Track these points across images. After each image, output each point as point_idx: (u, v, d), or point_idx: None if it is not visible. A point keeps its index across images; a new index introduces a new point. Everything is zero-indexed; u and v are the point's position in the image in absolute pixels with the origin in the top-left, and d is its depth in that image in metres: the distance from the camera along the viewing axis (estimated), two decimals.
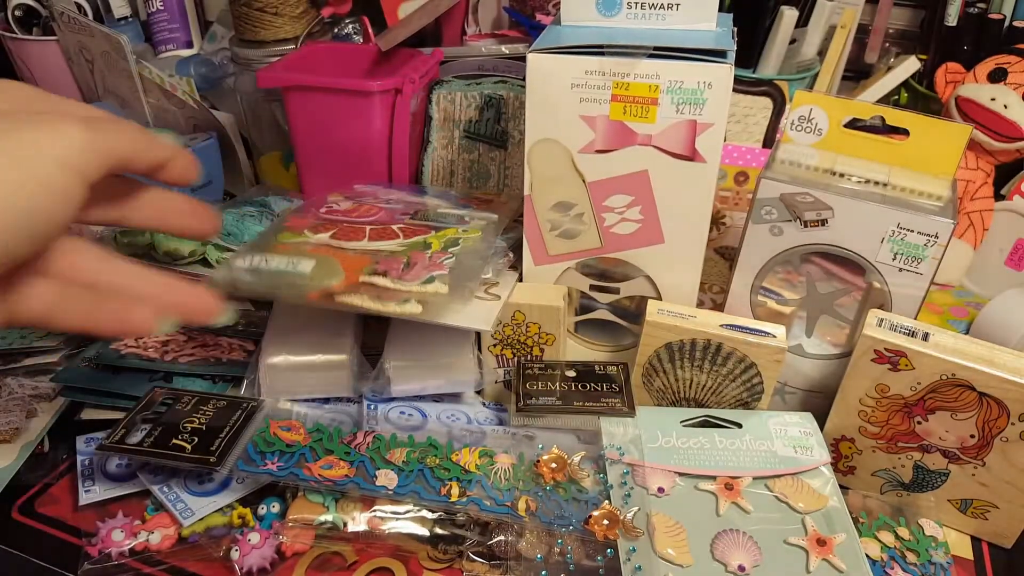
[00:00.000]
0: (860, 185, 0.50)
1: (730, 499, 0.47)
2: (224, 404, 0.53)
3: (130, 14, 0.92)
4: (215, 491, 0.49)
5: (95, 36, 0.77)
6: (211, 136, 0.77)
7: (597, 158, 0.50)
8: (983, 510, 0.49)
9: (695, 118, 0.48)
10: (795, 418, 0.52)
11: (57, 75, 0.85)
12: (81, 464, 0.52)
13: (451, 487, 0.47)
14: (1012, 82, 0.67)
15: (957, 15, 0.77)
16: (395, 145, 0.69)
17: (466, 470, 0.48)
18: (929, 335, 0.47)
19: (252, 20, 0.77)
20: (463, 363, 0.55)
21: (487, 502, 0.46)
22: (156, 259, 0.58)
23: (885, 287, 0.49)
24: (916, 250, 0.48)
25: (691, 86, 0.47)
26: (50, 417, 0.56)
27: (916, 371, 0.46)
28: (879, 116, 0.51)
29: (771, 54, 0.75)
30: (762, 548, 0.44)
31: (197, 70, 0.84)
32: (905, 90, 0.82)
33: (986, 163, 0.71)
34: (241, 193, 0.80)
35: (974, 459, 0.48)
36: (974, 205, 0.70)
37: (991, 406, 0.45)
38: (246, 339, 0.61)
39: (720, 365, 0.52)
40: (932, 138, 0.50)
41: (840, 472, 0.53)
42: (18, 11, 0.85)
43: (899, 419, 0.48)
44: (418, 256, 0.53)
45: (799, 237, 0.50)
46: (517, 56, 0.77)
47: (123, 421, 0.51)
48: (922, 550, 0.46)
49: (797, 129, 0.53)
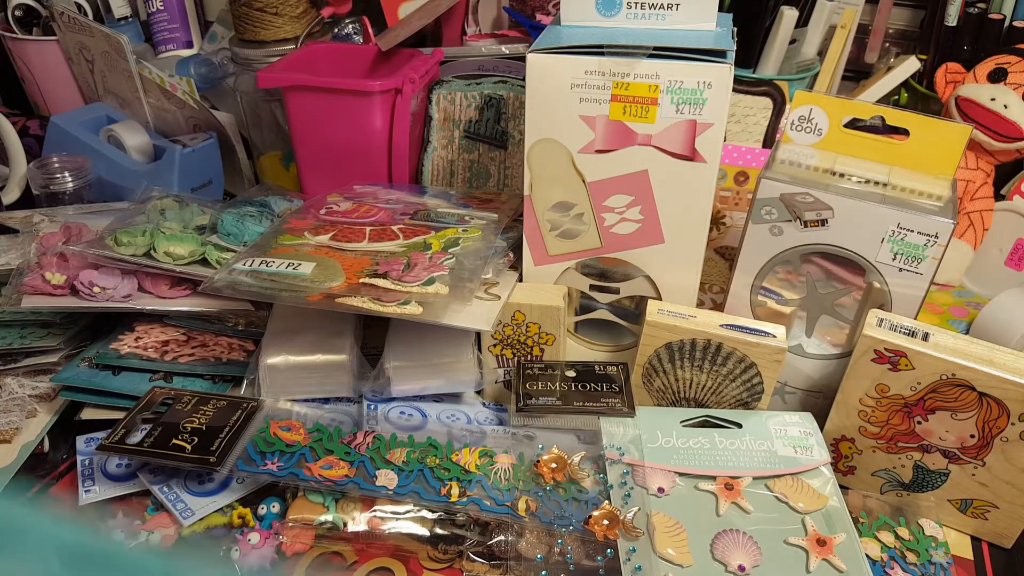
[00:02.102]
0: (860, 185, 0.50)
1: (730, 499, 0.47)
2: (224, 404, 0.53)
3: (130, 14, 0.92)
4: (215, 491, 0.49)
5: (95, 36, 0.77)
6: (211, 136, 0.77)
7: (597, 158, 0.50)
8: (983, 510, 0.49)
9: (695, 118, 0.48)
10: (795, 418, 0.52)
11: (57, 75, 0.85)
12: (81, 464, 0.52)
13: (451, 487, 0.47)
14: (1012, 82, 0.67)
15: (957, 15, 0.77)
16: (395, 145, 0.69)
17: (466, 470, 0.48)
18: (929, 335, 0.47)
19: (252, 20, 0.77)
20: (463, 363, 0.55)
21: (487, 502, 0.46)
22: (156, 259, 0.58)
23: (885, 287, 0.49)
24: (916, 250, 0.48)
25: (691, 86, 0.47)
26: (50, 417, 0.56)
27: (916, 371, 0.46)
28: (879, 116, 0.51)
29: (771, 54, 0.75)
30: (762, 548, 0.44)
31: (197, 70, 0.84)
32: (905, 90, 0.82)
33: (986, 163, 0.71)
34: (241, 193, 0.79)
35: (974, 459, 0.48)
36: (974, 205, 0.70)
37: (991, 406, 0.45)
38: (246, 339, 0.61)
39: (720, 365, 0.52)
40: (932, 138, 0.50)
41: (840, 472, 0.53)
42: (18, 11, 0.85)
43: (899, 419, 0.48)
44: (418, 257, 0.53)
45: (799, 237, 0.50)
46: (517, 56, 0.77)
47: (123, 421, 0.51)
48: (922, 550, 0.46)
49: (797, 129, 0.53)
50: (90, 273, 0.58)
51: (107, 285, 0.58)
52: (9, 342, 0.58)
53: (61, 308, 0.58)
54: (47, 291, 0.57)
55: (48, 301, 0.57)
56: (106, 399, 0.56)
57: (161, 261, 0.58)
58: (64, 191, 0.72)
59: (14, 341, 0.59)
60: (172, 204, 0.66)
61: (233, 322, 0.61)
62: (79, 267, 0.59)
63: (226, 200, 0.77)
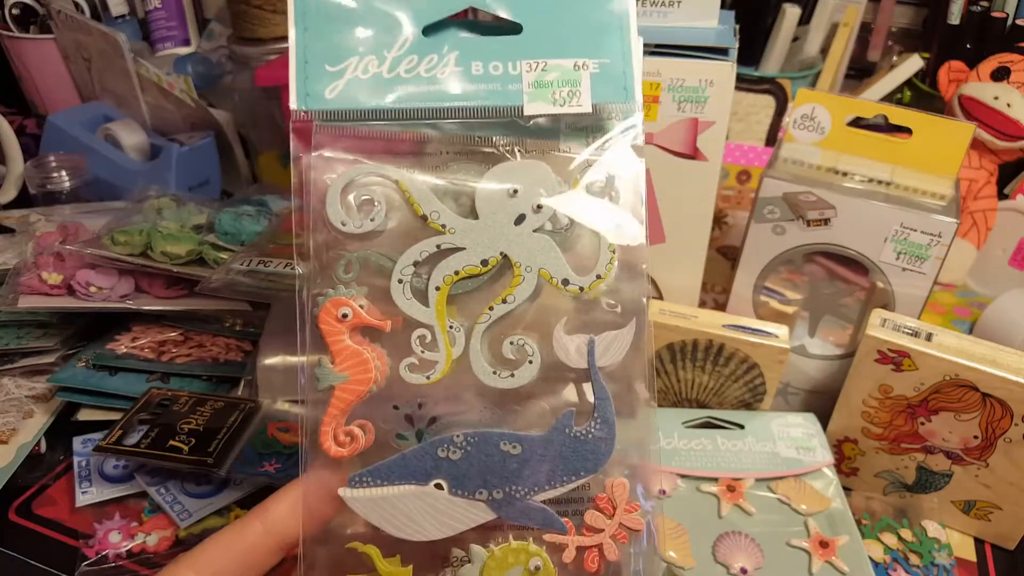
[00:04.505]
0: (863, 184, 0.49)
1: (732, 501, 0.47)
2: (222, 405, 0.52)
3: (128, 12, 0.92)
4: (213, 493, 0.49)
5: (92, 34, 0.77)
6: (209, 135, 0.76)
7: None
8: (986, 512, 0.49)
9: (697, 116, 0.47)
10: (798, 419, 0.52)
11: (54, 73, 0.85)
12: (78, 465, 0.52)
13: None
14: (1015, 80, 0.67)
15: (960, 13, 0.76)
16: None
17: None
18: (932, 335, 0.46)
19: (250, 18, 0.76)
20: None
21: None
22: (152, 258, 0.58)
23: (888, 287, 0.49)
24: (919, 249, 0.47)
25: (693, 84, 0.46)
26: (47, 418, 0.56)
27: (919, 372, 0.46)
28: (882, 115, 0.51)
29: (773, 52, 0.75)
30: (764, 550, 0.44)
31: (195, 68, 0.83)
32: (908, 88, 0.81)
33: (989, 162, 0.70)
34: (239, 192, 0.79)
35: (977, 460, 0.47)
36: (977, 204, 0.70)
37: (995, 407, 0.45)
38: (244, 339, 0.60)
39: (722, 366, 0.51)
40: (935, 137, 0.49)
41: (843, 473, 0.52)
42: (15, 9, 0.84)
43: (902, 420, 0.48)
44: None
45: (802, 236, 0.50)
46: None
47: (120, 422, 0.50)
48: (925, 552, 0.46)
49: (800, 127, 0.52)
50: (87, 273, 0.58)
51: (104, 285, 0.58)
52: (6, 342, 0.58)
53: (58, 308, 0.57)
54: (44, 291, 0.57)
55: (45, 301, 0.57)
56: (103, 400, 0.56)
57: (158, 261, 0.58)
58: (61, 190, 0.71)
59: (11, 341, 0.58)
60: (169, 203, 0.65)
61: (231, 322, 0.61)
62: (76, 267, 0.58)
63: (224, 199, 0.77)
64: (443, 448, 0.30)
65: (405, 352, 0.30)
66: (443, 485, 0.29)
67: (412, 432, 0.31)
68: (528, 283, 0.30)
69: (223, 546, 0.29)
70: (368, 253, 0.31)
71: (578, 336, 0.30)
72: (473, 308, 0.31)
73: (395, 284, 0.30)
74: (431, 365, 0.30)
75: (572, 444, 0.30)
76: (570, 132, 0.32)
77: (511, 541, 0.30)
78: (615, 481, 0.31)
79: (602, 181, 0.31)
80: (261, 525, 0.29)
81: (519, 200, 0.31)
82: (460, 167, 0.31)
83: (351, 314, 0.30)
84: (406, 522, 0.29)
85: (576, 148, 0.31)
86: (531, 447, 0.30)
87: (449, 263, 0.30)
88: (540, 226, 0.31)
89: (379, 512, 0.29)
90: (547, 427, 0.30)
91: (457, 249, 0.31)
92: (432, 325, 0.30)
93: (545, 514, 0.30)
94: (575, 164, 0.31)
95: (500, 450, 0.29)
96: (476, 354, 0.30)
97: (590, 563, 0.30)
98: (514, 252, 0.30)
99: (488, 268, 0.30)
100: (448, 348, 0.30)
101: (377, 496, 0.29)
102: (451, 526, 0.30)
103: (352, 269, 0.30)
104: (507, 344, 0.30)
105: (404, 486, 0.29)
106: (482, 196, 0.31)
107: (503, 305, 0.30)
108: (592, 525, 0.30)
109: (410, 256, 0.30)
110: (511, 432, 0.30)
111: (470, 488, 0.29)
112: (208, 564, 0.29)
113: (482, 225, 0.31)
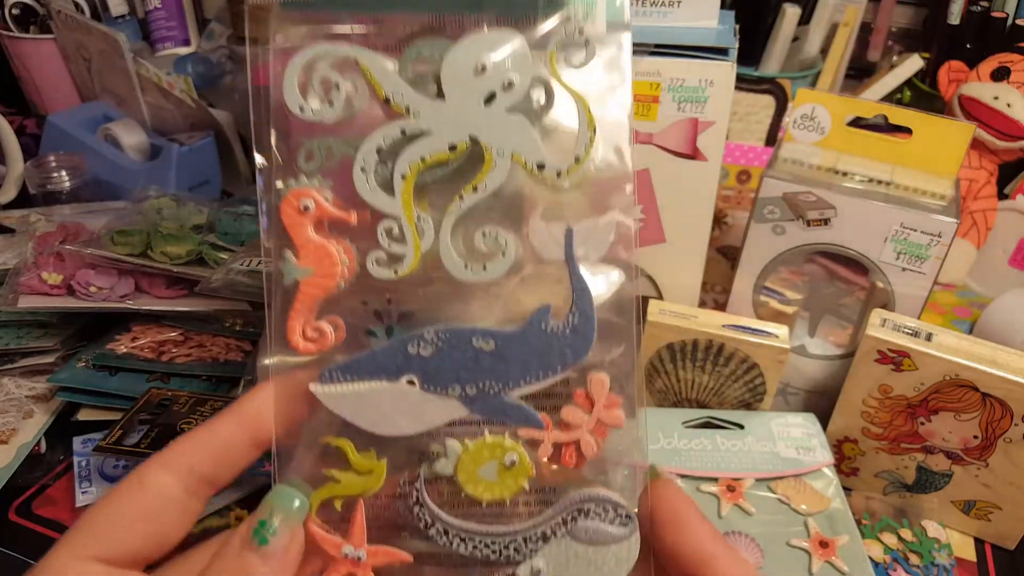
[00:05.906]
0: (863, 184, 0.49)
1: (732, 501, 0.47)
2: (222, 405, 0.52)
3: (128, 12, 0.92)
4: None
5: (92, 34, 0.77)
6: (209, 135, 0.76)
7: None
8: (986, 512, 0.49)
9: (697, 116, 0.47)
10: (798, 419, 0.52)
11: (54, 74, 0.85)
12: (78, 465, 0.52)
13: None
14: (1015, 80, 0.67)
15: (960, 13, 0.76)
16: None
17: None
18: (932, 335, 0.46)
19: None
20: None
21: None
22: (152, 258, 0.58)
23: (888, 287, 0.49)
24: (919, 249, 0.47)
25: (692, 84, 0.46)
26: (47, 418, 0.56)
27: (919, 372, 0.46)
28: (882, 115, 0.51)
29: (773, 52, 0.75)
30: (764, 550, 0.44)
31: (195, 68, 0.83)
32: (908, 88, 0.81)
33: (989, 162, 0.70)
34: (239, 192, 0.79)
35: (977, 460, 0.47)
36: (977, 204, 0.70)
37: (994, 407, 0.45)
38: (243, 340, 0.60)
39: (722, 366, 0.51)
40: (935, 137, 0.49)
41: (843, 473, 0.52)
42: (15, 9, 0.84)
43: (902, 420, 0.48)
44: None
45: (802, 236, 0.50)
46: None
47: (120, 422, 0.50)
48: (925, 552, 0.46)
49: (800, 127, 0.52)
50: (87, 273, 0.58)
51: (104, 285, 0.58)
52: (6, 342, 0.58)
53: (58, 308, 0.57)
54: (44, 291, 0.57)
55: (45, 301, 0.57)
56: (103, 400, 0.56)
57: (158, 261, 0.58)
58: (61, 190, 0.71)
59: (11, 341, 0.58)
60: (169, 203, 0.65)
61: (231, 322, 0.61)
62: (76, 267, 0.58)
63: (224, 199, 0.77)
64: (413, 344, 0.28)
65: (374, 246, 0.28)
66: (415, 381, 0.29)
67: (382, 328, 0.29)
68: (500, 169, 0.28)
69: (196, 443, 0.28)
70: (329, 140, 0.28)
71: (555, 224, 0.28)
72: (445, 199, 0.29)
73: (357, 173, 0.28)
74: (399, 259, 0.28)
75: (547, 339, 0.28)
76: (549, 2, 0.28)
77: (487, 436, 0.29)
78: (594, 376, 0.30)
79: (582, 55, 0.28)
80: (235, 421, 0.29)
81: (488, 77, 0.28)
82: (425, 43, 0.28)
83: (312, 206, 0.28)
84: (379, 417, 0.28)
85: (554, 19, 0.28)
86: (505, 343, 0.28)
87: (414, 149, 0.28)
88: (512, 105, 0.28)
89: (351, 407, 0.28)
90: (522, 323, 0.28)
91: (423, 134, 0.28)
92: (399, 216, 0.28)
93: (520, 410, 0.29)
94: (551, 35, 0.28)
95: (472, 346, 0.28)
96: (446, 247, 0.28)
97: (567, 459, 0.29)
98: (484, 134, 0.28)
99: (457, 153, 0.28)
100: (416, 240, 0.28)
101: (349, 391, 0.28)
102: (425, 421, 0.28)
103: (314, 158, 0.28)
104: (479, 236, 0.28)
105: (375, 382, 0.28)
106: (447, 73, 0.28)
107: (474, 194, 0.28)
108: (569, 421, 0.29)
109: (372, 142, 0.28)
110: (484, 328, 0.28)
111: (442, 384, 0.28)
112: (181, 461, 0.27)
113: (448, 106, 0.28)
